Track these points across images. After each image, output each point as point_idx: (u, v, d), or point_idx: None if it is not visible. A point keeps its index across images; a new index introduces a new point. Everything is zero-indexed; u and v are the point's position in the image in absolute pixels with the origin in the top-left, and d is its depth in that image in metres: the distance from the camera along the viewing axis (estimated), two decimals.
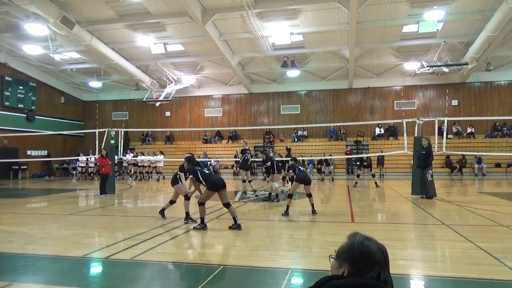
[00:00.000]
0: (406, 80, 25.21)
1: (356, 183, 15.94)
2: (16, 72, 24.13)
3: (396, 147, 21.36)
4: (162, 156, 22.45)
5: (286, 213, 8.37)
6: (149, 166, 22.04)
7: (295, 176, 8.73)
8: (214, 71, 25.44)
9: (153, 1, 16.85)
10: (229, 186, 9.08)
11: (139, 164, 22.28)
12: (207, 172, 7.25)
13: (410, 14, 17.55)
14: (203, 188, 7.21)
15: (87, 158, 23.14)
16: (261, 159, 12.59)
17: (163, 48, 20.49)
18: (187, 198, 8.04)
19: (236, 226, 6.89)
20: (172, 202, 8.21)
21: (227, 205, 6.99)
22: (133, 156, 22.88)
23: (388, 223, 8.10)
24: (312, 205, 8.62)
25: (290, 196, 8.63)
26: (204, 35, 18.85)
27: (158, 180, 21.33)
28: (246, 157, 12.76)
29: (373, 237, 1.56)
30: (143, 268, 4.83)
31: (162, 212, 8.26)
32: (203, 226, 6.93)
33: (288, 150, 14.90)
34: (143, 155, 23.16)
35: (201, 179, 6.97)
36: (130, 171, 22.94)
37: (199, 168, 7.27)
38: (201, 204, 6.94)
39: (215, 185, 6.86)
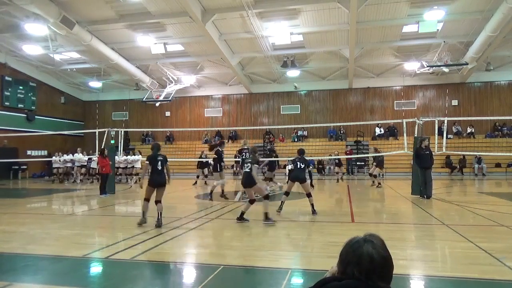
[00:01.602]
0: (406, 80, 25.21)
1: (373, 182, 15.77)
2: (16, 72, 24.12)
3: (396, 147, 21.36)
4: (140, 156, 20.69)
5: (279, 209, 8.67)
6: (126, 168, 19.97)
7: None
8: (214, 71, 25.44)
9: (153, 1, 16.85)
10: (228, 186, 9.09)
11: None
12: (159, 168, 7.59)
13: (410, 14, 17.55)
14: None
15: (61, 159, 20.60)
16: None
17: (163, 48, 20.49)
18: (267, 197, 7.77)
19: (158, 224, 7.19)
20: (252, 201, 7.78)
21: (157, 201, 7.50)
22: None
23: (388, 223, 8.10)
24: (312, 205, 8.62)
25: (286, 193, 8.88)
26: (204, 35, 18.85)
27: (135, 182, 19.00)
28: (244, 157, 12.76)
29: (376, 242, 1.51)
30: (143, 268, 4.83)
31: (241, 216, 7.64)
32: (143, 220, 7.34)
33: (270, 150, 14.80)
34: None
35: (149, 169, 7.64)
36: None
37: (153, 160, 7.67)
38: (146, 199, 7.53)
39: (151, 182, 7.56)
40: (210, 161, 23.30)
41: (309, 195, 8.61)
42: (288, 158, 20.14)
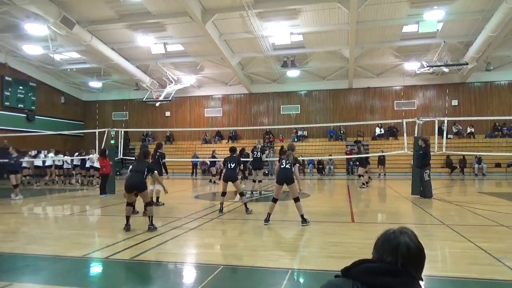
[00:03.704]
0: (406, 80, 25.21)
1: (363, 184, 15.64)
2: (16, 72, 24.12)
3: (396, 147, 21.36)
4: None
5: (220, 210, 8.94)
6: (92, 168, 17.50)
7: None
8: (214, 71, 25.44)
9: (153, 1, 16.85)
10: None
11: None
12: (130, 172, 7.25)
13: (410, 14, 17.55)
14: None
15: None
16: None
17: (163, 48, 20.49)
18: (298, 199, 7.38)
19: (152, 227, 6.86)
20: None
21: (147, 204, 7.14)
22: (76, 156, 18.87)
23: (388, 223, 8.10)
24: (245, 204, 9.02)
25: (223, 194, 9.11)
26: (204, 35, 18.85)
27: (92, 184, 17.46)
28: (257, 156, 12.78)
29: (412, 234, 1.59)
30: (143, 268, 4.83)
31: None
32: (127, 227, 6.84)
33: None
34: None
35: None
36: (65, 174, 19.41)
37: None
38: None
39: (125, 187, 7.05)
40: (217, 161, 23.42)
41: (241, 194, 9.08)
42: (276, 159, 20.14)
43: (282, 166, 7.47)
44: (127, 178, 7.12)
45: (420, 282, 1.56)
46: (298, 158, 7.99)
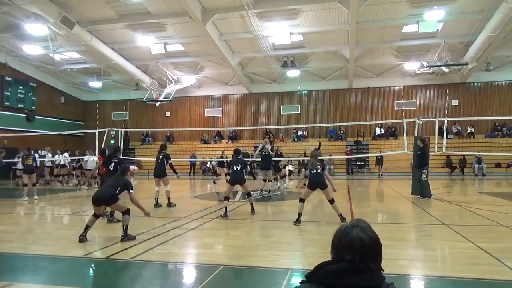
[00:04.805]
0: (406, 80, 25.21)
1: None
2: (16, 72, 24.13)
3: (396, 147, 21.36)
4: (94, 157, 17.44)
5: (225, 214, 8.29)
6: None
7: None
8: (214, 71, 25.45)
9: (153, 1, 16.85)
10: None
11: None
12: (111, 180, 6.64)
13: (410, 14, 17.56)
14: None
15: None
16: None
17: (163, 48, 20.49)
18: (333, 201, 7.70)
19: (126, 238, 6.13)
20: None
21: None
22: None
23: (388, 223, 8.10)
24: (252, 204, 8.83)
25: (227, 198, 8.59)
26: (204, 35, 18.85)
27: (90, 185, 16.93)
28: (265, 153, 12.84)
29: (364, 226, 1.58)
30: (143, 268, 4.83)
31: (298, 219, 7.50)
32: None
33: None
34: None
35: None
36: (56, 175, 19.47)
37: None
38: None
39: (92, 199, 6.33)
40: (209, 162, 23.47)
41: (249, 194, 8.84)
42: (288, 158, 20.17)
43: (313, 172, 7.52)
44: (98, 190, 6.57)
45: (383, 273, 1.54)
46: (302, 158, 7.94)
